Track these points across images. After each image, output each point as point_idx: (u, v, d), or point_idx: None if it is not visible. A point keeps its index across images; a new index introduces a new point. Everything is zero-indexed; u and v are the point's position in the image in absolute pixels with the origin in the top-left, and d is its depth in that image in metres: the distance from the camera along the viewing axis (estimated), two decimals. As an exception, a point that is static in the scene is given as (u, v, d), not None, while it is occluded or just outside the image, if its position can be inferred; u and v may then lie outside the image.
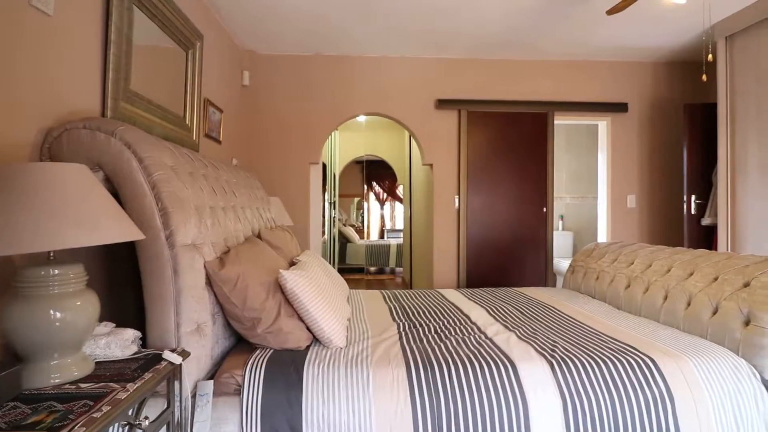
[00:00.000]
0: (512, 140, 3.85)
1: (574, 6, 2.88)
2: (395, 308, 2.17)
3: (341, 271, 7.50)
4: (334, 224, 5.89)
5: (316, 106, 3.74)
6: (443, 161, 3.84)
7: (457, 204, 3.83)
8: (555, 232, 4.99)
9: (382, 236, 10.30)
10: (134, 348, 1.21)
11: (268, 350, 1.46)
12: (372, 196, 10.53)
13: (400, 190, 9.99)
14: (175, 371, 1.20)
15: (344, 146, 7.22)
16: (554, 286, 4.15)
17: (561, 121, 4.00)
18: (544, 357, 1.45)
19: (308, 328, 1.53)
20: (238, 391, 1.32)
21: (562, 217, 5.31)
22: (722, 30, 3.10)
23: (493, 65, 3.85)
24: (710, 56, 2.79)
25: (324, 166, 5.08)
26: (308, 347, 1.51)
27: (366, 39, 3.43)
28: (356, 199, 10.35)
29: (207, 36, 2.70)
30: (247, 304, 1.42)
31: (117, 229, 1.03)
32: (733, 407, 1.39)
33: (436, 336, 1.68)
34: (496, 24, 3.15)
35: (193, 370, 1.32)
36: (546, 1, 2.81)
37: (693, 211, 3.53)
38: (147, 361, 1.16)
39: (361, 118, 6.12)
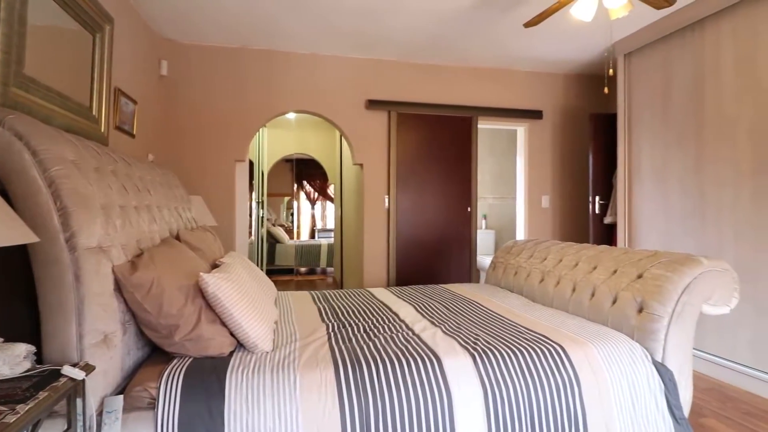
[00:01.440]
0: (439, 142, 3.99)
1: (495, 17, 3.05)
2: (325, 309, 2.15)
3: (270, 272, 7.28)
4: (262, 224, 5.70)
5: (242, 101, 3.59)
6: (373, 161, 3.87)
7: (387, 204, 3.88)
8: (478, 231, 5.25)
9: (312, 236, 10.15)
10: (27, 365, 1.08)
11: (186, 359, 1.37)
12: (302, 195, 10.35)
13: (331, 190, 9.92)
14: (78, 388, 1.08)
15: (273, 144, 7.01)
16: (478, 281, 4.37)
17: (484, 126, 4.21)
18: (467, 350, 1.52)
19: (232, 334, 1.46)
20: (153, 405, 1.22)
21: (485, 217, 5.60)
22: (621, 48, 3.46)
23: (423, 69, 3.96)
24: (611, 71, 3.08)
25: (251, 163, 4.90)
26: (232, 353, 1.45)
27: (296, 35, 3.36)
28: (286, 199, 10.10)
29: (119, 20, 2.48)
30: (163, 310, 1.33)
31: (2, 231, 0.90)
32: (630, 386, 1.55)
33: (365, 335, 1.69)
34: (424, 28, 3.24)
35: (100, 385, 1.21)
36: (469, 10, 2.94)
37: (597, 211, 3.90)
38: (42, 378, 1.04)
39: (291, 116, 5.99)
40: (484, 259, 4.70)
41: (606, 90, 2.82)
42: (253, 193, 5.24)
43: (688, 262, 1.72)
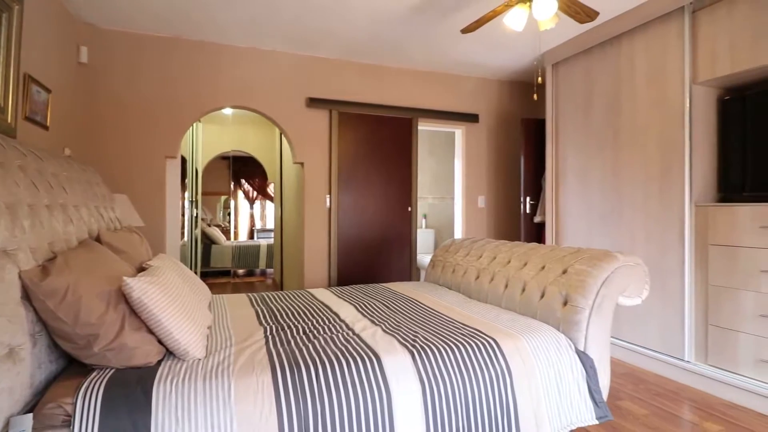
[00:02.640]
0: (381, 143, 4.02)
1: (434, 21, 3.13)
2: (263, 311, 2.08)
3: (205, 275, 6.95)
4: (196, 225, 5.42)
5: (174, 94, 3.39)
6: (314, 160, 3.82)
7: (328, 203, 3.85)
8: (419, 230, 5.37)
9: (251, 236, 9.82)
10: None
11: (107, 371, 1.27)
12: (241, 194, 9.97)
13: (271, 189, 9.66)
14: (-25, 409, 0.97)
15: (209, 140, 6.70)
16: (418, 279, 4.46)
17: (424, 127, 4.31)
18: (406, 348, 1.55)
19: (160, 341, 1.38)
20: (68, 423, 1.12)
21: (425, 216, 5.73)
22: (550, 58, 3.69)
23: (364, 69, 3.97)
24: (540, 79, 3.26)
25: (184, 160, 4.65)
26: (160, 362, 1.36)
27: (233, 27, 3.23)
28: (223, 198, 9.69)
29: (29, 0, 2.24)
30: (81, 319, 1.22)
31: None
32: (556, 375, 1.66)
33: (304, 337, 1.67)
34: (366, 28, 3.25)
35: (5, 404, 1.08)
36: (409, 13, 2.99)
37: (528, 210, 4.13)
38: (-70, 400, 0.91)
39: (228, 111, 5.75)
40: (424, 257, 4.80)
41: (535, 97, 3.00)
42: (186, 192, 4.97)
43: (606, 258, 1.87)
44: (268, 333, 1.71)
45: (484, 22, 2.55)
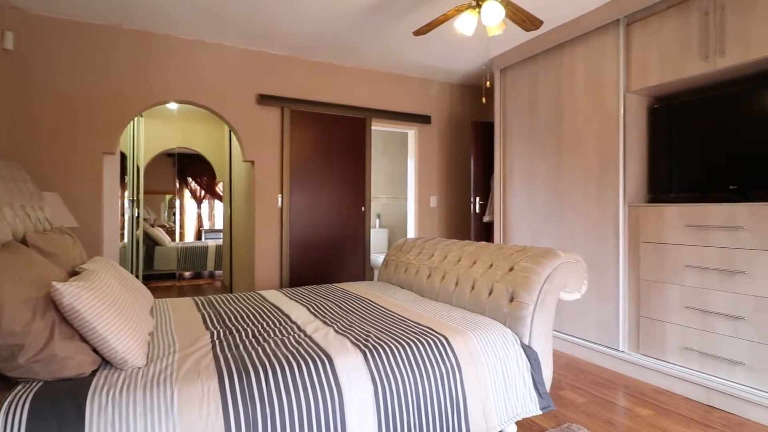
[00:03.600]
0: (334, 142, 3.99)
1: (387, 23, 3.15)
2: (210, 315, 2.01)
3: (148, 278, 6.60)
4: (137, 225, 5.13)
5: (113, 86, 3.19)
6: (265, 158, 3.73)
7: (280, 203, 3.77)
8: (372, 230, 5.38)
9: (199, 237, 9.44)
10: None
11: (34, 384, 1.17)
12: (187, 193, 9.55)
13: (220, 187, 9.32)
14: None
15: (152, 136, 6.36)
16: (372, 279, 4.47)
17: (378, 127, 4.32)
18: (358, 348, 1.55)
19: (95, 350, 1.29)
20: (-13, 443, 1.02)
21: (378, 216, 5.76)
22: (498, 63, 3.82)
23: (317, 67, 3.92)
24: (488, 83, 3.36)
25: (123, 157, 4.39)
26: (95, 372, 1.28)
27: (179, 18, 3.08)
28: (168, 197, 9.23)
29: (-62, -24, 2.02)
30: (3, 329, 1.12)
31: None
32: (503, 368, 1.72)
33: (253, 340, 1.62)
34: (319, 26, 3.22)
35: None
36: (362, 13, 2.99)
37: (477, 210, 4.26)
38: None
39: (173, 106, 5.50)
40: (378, 257, 4.82)
41: (484, 100, 3.09)
42: (126, 191, 4.69)
43: (549, 255, 1.97)
44: (215, 337, 1.65)
45: (435, 25, 2.60)
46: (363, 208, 4.12)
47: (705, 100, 2.52)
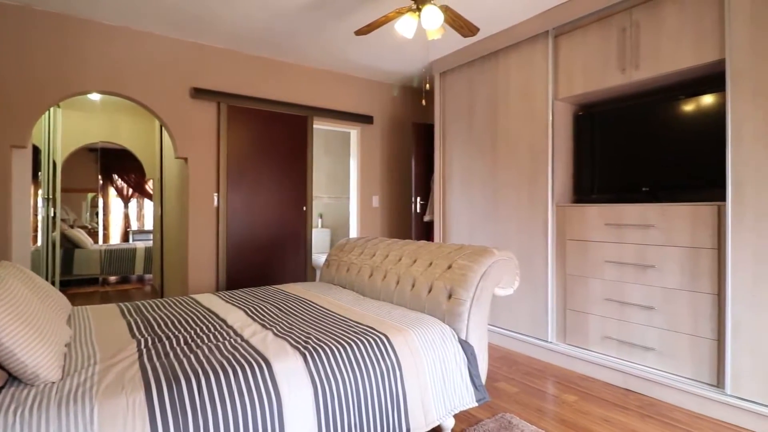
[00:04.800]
0: (274, 140, 3.89)
1: (329, 21, 3.12)
2: (136, 322, 1.88)
3: (67, 284, 6.05)
4: (53, 226, 4.68)
5: (22, 72, 2.88)
6: (200, 155, 3.55)
7: (216, 202, 3.61)
8: (315, 230, 5.32)
9: (126, 239, 8.80)
10: None
11: None
12: (113, 191, 8.86)
13: (150, 186, 8.75)
14: None
15: (71, 129, 5.83)
16: (314, 280, 4.41)
17: (320, 126, 4.27)
18: (298, 350, 1.52)
19: (1, 365, 1.16)
20: None
21: (321, 216, 5.70)
22: (438, 67, 3.92)
23: (256, 62, 3.80)
24: (428, 86, 3.44)
25: (38, 151, 3.99)
26: (1, 389, 1.15)
27: (99, 2, 2.85)
28: (90, 195, 8.51)
29: None
30: None
31: None
32: (441, 364, 1.77)
33: (185, 347, 1.54)
34: (258, 19, 3.12)
35: None
36: (303, 8, 2.94)
37: (418, 210, 4.35)
38: None
39: (96, 97, 5.08)
40: (319, 257, 4.77)
41: (423, 102, 3.16)
42: (41, 189, 4.27)
43: (484, 253, 2.05)
44: (143, 346, 1.54)
45: (376, 26, 2.61)
46: (304, 208, 4.06)
47: (622, 109, 2.75)
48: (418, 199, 4.34)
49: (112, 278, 6.77)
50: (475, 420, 2.09)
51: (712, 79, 2.38)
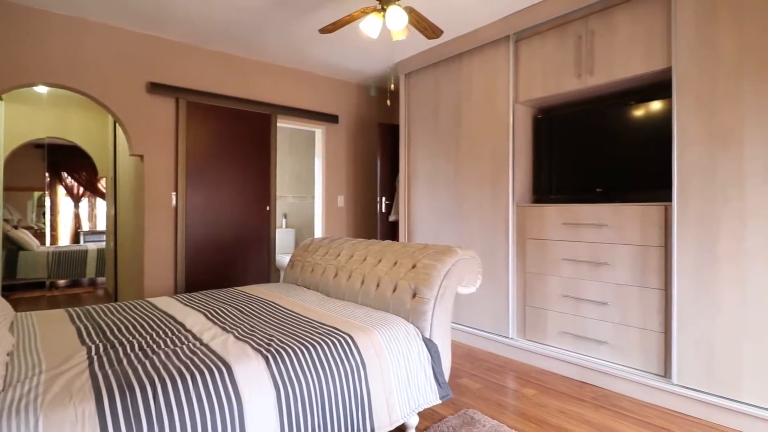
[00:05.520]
0: (237, 138, 3.80)
1: (294, 17, 3.07)
2: (87, 328, 1.78)
3: (10, 289, 5.68)
4: (-6, 227, 4.37)
5: (-45, 61, 2.67)
6: (157, 153, 3.42)
7: (174, 201, 3.48)
8: (279, 230, 5.23)
9: (76, 240, 8.34)
10: None
11: None
12: (62, 190, 8.37)
13: (103, 184, 8.33)
14: None
15: (15, 123, 5.46)
16: (278, 281, 4.34)
17: (284, 125, 4.20)
18: (260, 353, 1.49)
19: (-71, 378, 1.07)
20: None
21: (285, 215, 5.61)
22: (403, 68, 3.95)
23: (218, 57, 3.69)
24: (392, 86, 3.45)
25: (-26, 146, 3.72)
26: (-71, 405, 1.06)
27: (44, -11, 2.69)
28: (36, 194, 8.00)
29: None
30: None
31: None
32: (405, 362, 1.78)
33: (140, 353, 1.47)
34: (219, 14, 3.03)
35: None
36: (267, 5, 2.88)
37: (383, 210, 4.37)
38: None
39: (42, 90, 4.79)
40: (283, 257, 4.70)
41: (388, 102, 3.17)
42: (-21, 186, 3.97)
43: (448, 252, 2.08)
44: (93, 353, 1.47)
45: (341, 25, 2.60)
46: (268, 208, 3.98)
47: (578, 113, 2.87)
48: (384, 198, 4.35)
49: (61, 282, 6.40)
50: (439, 417, 2.12)
51: (661, 86, 2.52)
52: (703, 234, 2.16)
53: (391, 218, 4.34)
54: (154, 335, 1.69)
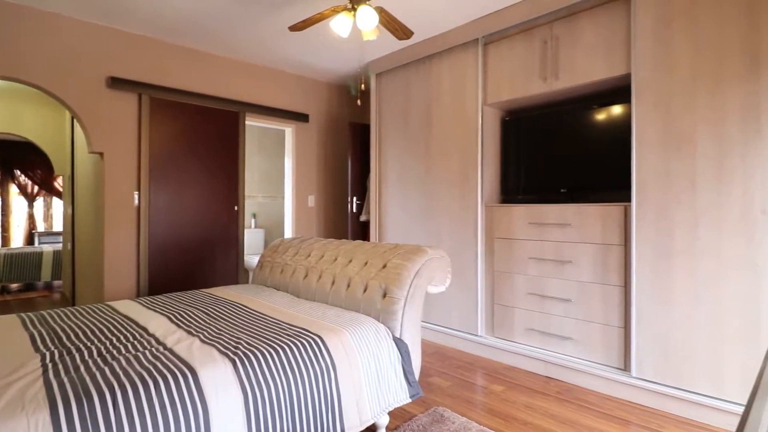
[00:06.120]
0: (203, 136, 3.69)
1: (263, 13, 3.02)
2: (41, 334, 1.69)
3: (-45, 293, 5.32)
4: (-63, 228, 4.09)
5: None
6: (119, 150, 3.28)
7: (137, 201, 3.35)
8: (248, 230, 5.13)
9: (30, 241, 7.91)
10: None
11: None
12: (14, 188, 7.92)
13: (60, 183, 7.93)
14: None
15: (-41, 117, 5.12)
16: (247, 282, 4.26)
17: (252, 123, 4.13)
18: (227, 356, 1.45)
19: None
20: None
21: (254, 216, 5.51)
22: (374, 68, 3.95)
23: (184, 53, 3.58)
24: (363, 86, 3.45)
25: None
26: None
27: (-7, -25, 2.53)
28: (-15, 193, 7.54)
29: None
30: None
31: None
32: (376, 362, 1.79)
33: (99, 359, 1.41)
34: (181, 5, 2.94)
35: None
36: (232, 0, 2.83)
37: (354, 210, 4.36)
38: None
39: (-10, 82, 4.51)
40: (252, 258, 4.61)
41: (359, 102, 3.17)
42: None
43: (418, 252, 2.10)
44: (48, 360, 1.40)
45: (311, 23, 2.57)
46: (236, 207, 3.90)
47: (544, 116, 2.95)
48: (355, 198, 4.34)
49: (14, 285, 6.06)
50: (409, 415, 2.13)
51: (622, 90, 2.62)
52: (660, 233, 2.27)
53: (362, 218, 4.34)
54: (114, 340, 1.62)
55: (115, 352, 1.49)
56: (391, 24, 2.58)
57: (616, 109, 2.58)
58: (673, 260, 2.22)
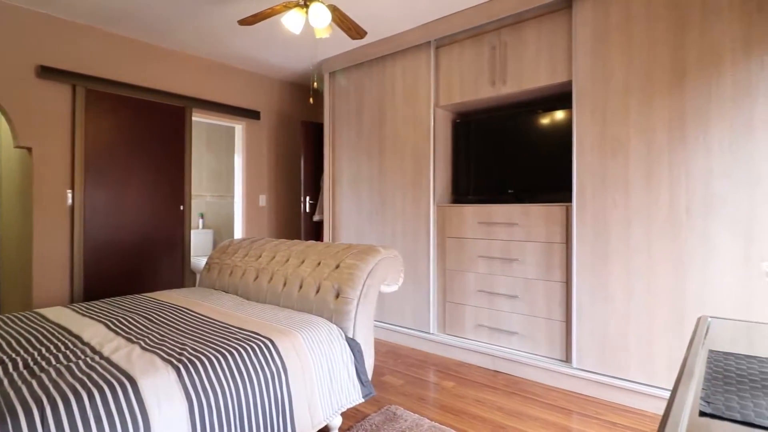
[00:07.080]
0: (146, 131, 3.50)
1: (210, 5, 2.90)
2: (-44, 347, 1.53)
3: None
4: None
5: None
6: (49, 146, 3.04)
7: (70, 200, 3.12)
8: (195, 231, 4.92)
9: (-55, 244, 7.13)
10: None
11: None
12: (-76, 185, 7.10)
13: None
14: None
15: None
16: (194, 285, 4.09)
17: (200, 119, 3.96)
18: (170, 364, 1.39)
19: None
20: None
21: (202, 216, 5.30)
22: (328, 66, 3.91)
23: (124, 43, 3.38)
24: (315, 84, 3.41)
25: None
26: None
27: None
28: None
29: None
30: None
31: None
32: (328, 363, 1.77)
33: (26, 372, 1.30)
34: (122, -4, 2.77)
35: None
36: (179, -10, 2.70)
37: (307, 210, 4.30)
38: None
39: None
40: (200, 260, 4.43)
41: (311, 101, 3.14)
42: None
43: (371, 252, 2.10)
44: (-36, 375, 1.27)
45: (262, 17, 2.51)
46: (182, 207, 3.73)
47: (492, 119, 3.05)
48: (308, 198, 4.28)
49: (-76, 293, 5.44)
50: (362, 415, 2.13)
51: (565, 97, 2.76)
52: (598, 232, 2.41)
53: (316, 218, 4.29)
54: (44, 350, 1.50)
55: (44, 363, 1.38)
56: (345, 23, 2.57)
57: (560, 114, 2.72)
58: (610, 258, 2.37)
